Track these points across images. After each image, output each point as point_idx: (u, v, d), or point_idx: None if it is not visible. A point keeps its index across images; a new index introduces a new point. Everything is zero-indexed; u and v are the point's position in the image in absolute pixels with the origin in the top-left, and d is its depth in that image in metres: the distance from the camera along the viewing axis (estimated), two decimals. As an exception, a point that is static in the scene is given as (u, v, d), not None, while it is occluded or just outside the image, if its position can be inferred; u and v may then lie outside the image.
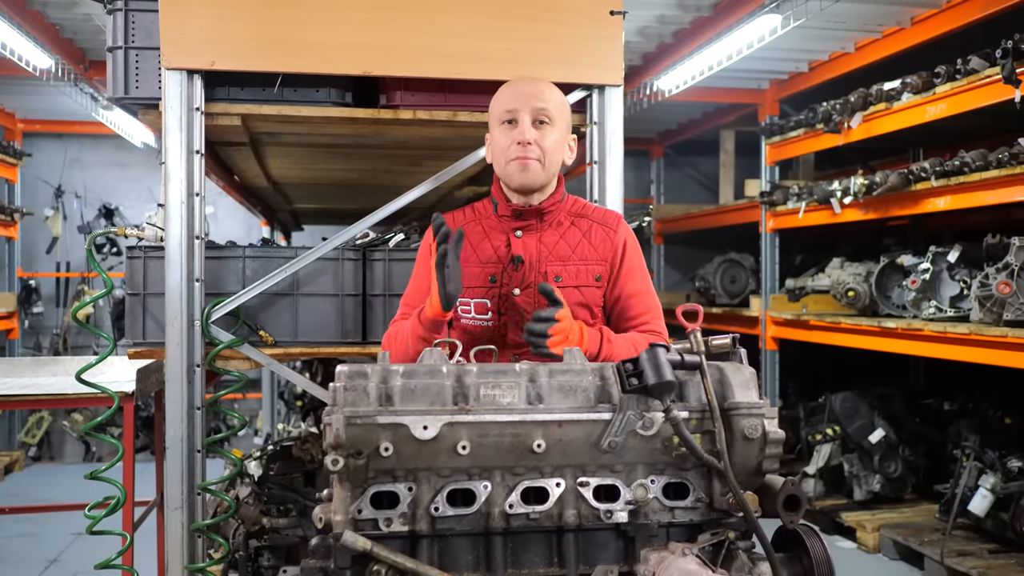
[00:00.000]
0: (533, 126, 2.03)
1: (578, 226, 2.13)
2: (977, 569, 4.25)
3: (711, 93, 6.53)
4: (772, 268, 6.40)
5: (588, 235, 2.11)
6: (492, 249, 2.09)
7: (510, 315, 2.05)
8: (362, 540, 1.33)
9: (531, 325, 1.87)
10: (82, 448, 7.70)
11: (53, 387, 3.40)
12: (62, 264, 8.08)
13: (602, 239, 2.12)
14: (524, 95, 2.05)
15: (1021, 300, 3.98)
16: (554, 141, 2.06)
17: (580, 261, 2.09)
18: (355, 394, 1.37)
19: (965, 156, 4.32)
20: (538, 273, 2.06)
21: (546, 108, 2.04)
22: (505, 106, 2.06)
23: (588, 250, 2.10)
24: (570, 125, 2.14)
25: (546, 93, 2.07)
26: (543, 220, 2.10)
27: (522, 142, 2.02)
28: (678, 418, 1.39)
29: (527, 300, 2.05)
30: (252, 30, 2.56)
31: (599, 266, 2.10)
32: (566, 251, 2.09)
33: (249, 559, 3.15)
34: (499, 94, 2.11)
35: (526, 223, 2.09)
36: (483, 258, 2.09)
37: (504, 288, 2.06)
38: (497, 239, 2.10)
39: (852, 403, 5.56)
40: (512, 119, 2.04)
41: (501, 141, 2.06)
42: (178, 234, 2.61)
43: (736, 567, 1.41)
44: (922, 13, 4.75)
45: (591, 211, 2.18)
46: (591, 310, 2.09)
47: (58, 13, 5.05)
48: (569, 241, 2.10)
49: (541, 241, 2.08)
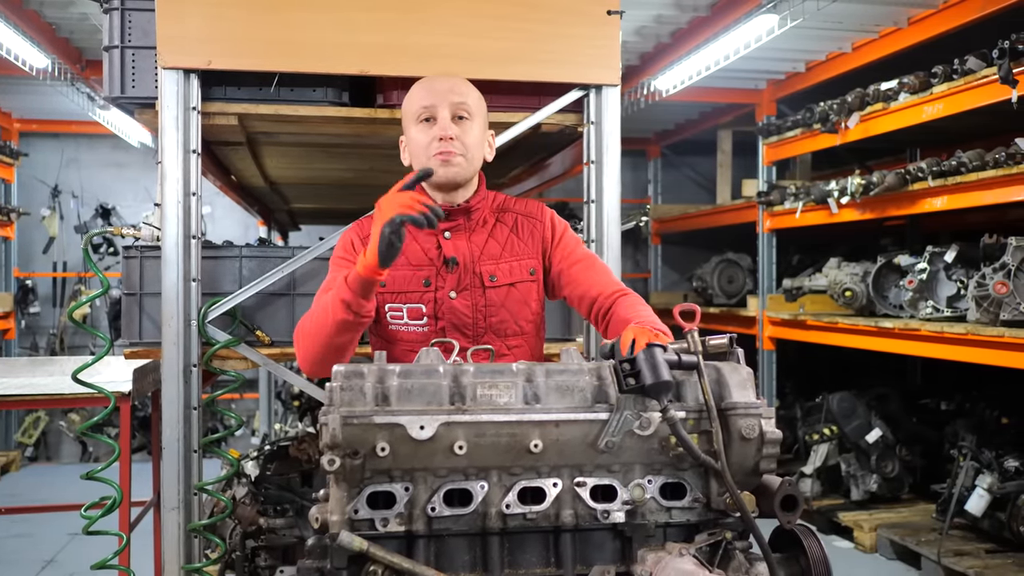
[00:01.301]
0: (453, 121, 1.99)
1: (504, 222, 2.10)
2: (974, 569, 4.26)
3: (708, 93, 6.53)
4: (769, 268, 6.40)
5: (515, 229, 2.09)
6: (422, 251, 2.04)
7: (447, 319, 2.01)
8: (358, 540, 1.32)
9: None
10: (79, 448, 7.69)
11: (49, 387, 3.39)
12: (59, 264, 8.07)
13: (530, 231, 2.09)
14: (440, 91, 2.00)
15: (1018, 300, 3.99)
16: (475, 136, 2.02)
17: (512, 257, 2.06)
18: (351, 394, 1.37)
19: (962, 156, 4.32)
20: (472, 274, 2.02)
21: (465, 102, 2.01)
22: (422, 103, 2.01)
23: (517, 245, 2.07)
24: (487, 120, 2.10)
25: (463, 88, 2.04)
26: (470, 219, 2.06)
27: (443, 137, 1.97)
28: (675, 418, 1.38)
29: (464, 303, 2.01)
30: (249, 29, 2.55)
31: (531, 260, 2.07)
32: (496, 249, 2.05)
33: (246, 559, 3.14)
34: (413, 91, 2.06)
35: (454, 223, 2.04)
36: (413, 261, 2.02)
37: (440, 291, 2.01)
38: (425, 241, 2.04)
39: (849, 403, 5.56)
40: (430, 116, 1.99)
41: (420, 139, 2.01)
42: (174, 234, 2.60)
43: (733, 567, 1.41)
44: (919, 13, 4.76)
45: (514, 204, 2.15)
46: (529, 305, 2.07)
47: (54, 12, 5.04)
48: (498, 238, 2.07)
49: (471, 240, 2.05)
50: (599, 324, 2.01)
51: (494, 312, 2.03)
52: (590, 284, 2.04)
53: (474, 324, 2.02)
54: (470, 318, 2.01)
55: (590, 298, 2.03)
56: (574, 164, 3.19)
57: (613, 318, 1.94)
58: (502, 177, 4.03)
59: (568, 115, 2.79)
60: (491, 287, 2.02)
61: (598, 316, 2.01)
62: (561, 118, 2.79)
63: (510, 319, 2.05)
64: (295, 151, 3.48)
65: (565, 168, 3.61)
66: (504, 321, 2.04)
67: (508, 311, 2.04)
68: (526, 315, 2.06)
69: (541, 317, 2.14)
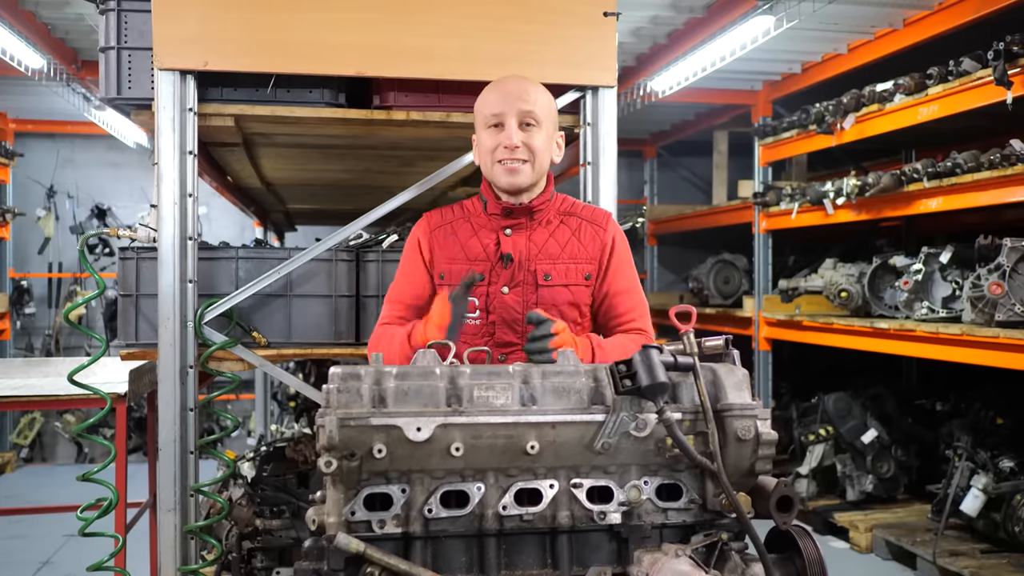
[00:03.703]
0: (520, 128, 2.03)
1: (567, 224, 2.13)
2: (969, 569, 4.27)
3: (704, 94, 6.54)
4: (765, 269, 6.41)
5: (577, 233, 2.12)
6: (481, 247, 2.09)
7: (498, 313, 2.05)
8: (355, 542, 1.32)
9: (530, 345, 1.85)
10: (75, 449, 7.67)
11: (45, 388, 3.38)
12: (54, 265, 8.05)
13: (591, 237, 2.12)
14: (510, 97, 2.04)
15: (1013, 301, 4.00)
16: (542, 141, 2.05)
17: (569, 260, 2.09)
18: (348, 396, 1.37)
19: (957, 157, 4.34)
20: (527, 271, 2.06)
21: (532, 110, 2.03)
22: (491, 109, 2.05)
23: (577, 248, 2.10)
24: (557, 123, 2.14)
25: (532, 94, 2.05)
26: (533, 218, 2.10)
27: (509, 146, 2.01)
28: (671, 419, 1.39)
29: (516, 299, 2.05)
30: (245, 31, 2.55)
31: (588, 265, 2.10)
32: (555, 250, 2.09)
33: (242, 561, 3.14)
34: (485, 95, 2.10)
35: (516, 221, 2.09)
36: (471, 256, 2.08)
37: (493, 286, 2.05)
38: (486, 237, 2.10)
39: (845, 404, 5.57)
40: (499, 122, 2.03)
41: (488, 143, 2.06)
42: (171, 235, 2.60)
43: (729, 568, 1.41)
44: (914, 15, 4.77)
45: (580, 209, 2.17)
46: (580, 308, 2.10)
47: (50, 13, 5.03)
48: (558, 239, 2.10)
49: (531, 239, 2.08)
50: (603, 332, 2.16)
51: (544, 310, 2.04)
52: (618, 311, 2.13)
53: (524, 320, 2.04)
54: (520, 314, 2.04)
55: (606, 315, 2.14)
56: (570, 165, 3.19)
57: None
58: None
59: (564, 116, 2.78)
60: (544, 285, 2.06)
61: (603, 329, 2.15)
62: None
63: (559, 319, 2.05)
64: (291, 152, 3.48)
65: (561, 169, 3.61)
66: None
67: (558, 311, 2.06)
68: (575, 317, 2.09)
69: (589, 320, 2.16)
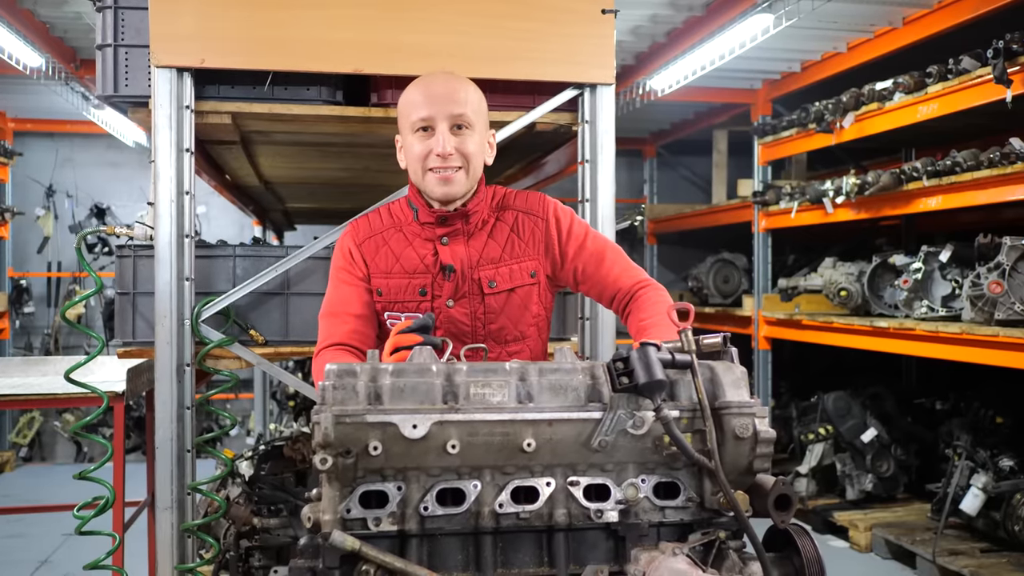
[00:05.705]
0: (451, 132, 1.90)
1: (504, 220, 2.02)
2: (969, 568, 4.27)
3: (704, 93, 6.54)
4: (765, 268, 6.41)
5: (516, 229, 2.01)
6: (418, 258, 1.97)
7: (446, 328, 1.96)
8: (351, 540, 1.32)
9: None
10: (73, 448, 7.67)
11: (43, 387, 3.38)
12: (53, 264, 8.05)
13: (531, 231, 2.02)
14: (439, 99, 1.89)
15: (1012, 300, 3.99)
16: (475, 145, 1.93)
17: (512, 260, 1.99)
18: (344, 393, 1.36)
19: (957, 156, 4.33)
20: (471, 281, 1.97)
21: (464, 113, 1.90)
22: (419, 112, 1.90)
23: (518, 245, 2.00)
24: (488, 122, 2.01)
25: (462, 94, 1.92)
26: (468, 223, 1.99)
27: (441, 153, 1.88)
28: (669, 417, 1.38)
29: (463, 311, 1.97)
30: (242, 28, 2.54)
31: (532, 261, 2.01)
32: (496, 252, 1.99)
33: (240, 559, 3.13)
34: (410, 95, 1.95)
35: (451, 228, 1.97)
36: (409, 269, 1.97)
37: (437, 300, 1.96)
38: (422, 247, 1.98)
39: (844, 403, 5.57)
40: (427, 126, 1.90)
41: (417, 149, 1.91)
42: (168, 233, 2.59)
43: (727, 567, 1.40)
44: (914, 13, 4.76)
45: (514, 199, 2.06)
46: (530, 308, 2.02)
47: (48, 11, 5.02)
48: (498, 240, 2.00)
49: (469, 246, 1.98)
50: (622, 317, 2.04)
51: (493, 319, 1.99)
52: (608, 280, 2.02)
53: (473, 332, 1.99)
54: (469, 327, 1.98)
55: (609, 295, 2.04)
56: (569, 163, 3.19)
57: (631, 318, 1.98)
58: (497, 176, 4.02)
59: (563, 114, 2.79)
60: (490, 294, 1.97)
61: (619, 310, 2.04)
62: (555, 117, 2.79)
63: (510, 325, 2.02)
64: (289, 150, 3.47)
65: (560, 167, 3.60)
66: (504, 328, 2.01)
67: (508, 317, 2.00)
68: (526, 319, 2.02)
69: (543, 319, 2.09)
